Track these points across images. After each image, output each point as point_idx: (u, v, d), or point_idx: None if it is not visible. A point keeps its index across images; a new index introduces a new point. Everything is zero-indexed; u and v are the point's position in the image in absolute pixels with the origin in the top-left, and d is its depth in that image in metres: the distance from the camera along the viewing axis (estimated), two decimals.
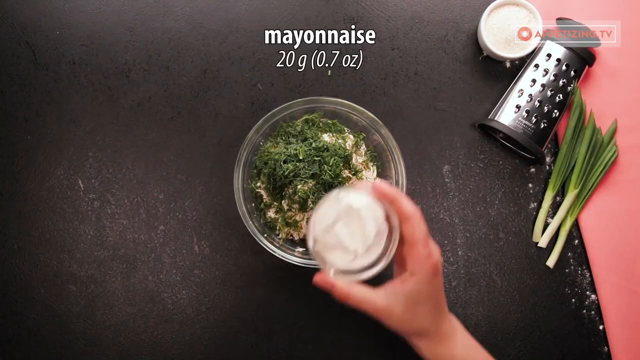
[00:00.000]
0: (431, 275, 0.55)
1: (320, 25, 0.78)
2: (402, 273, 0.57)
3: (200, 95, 0.77)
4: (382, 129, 0.69)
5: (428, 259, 0.55)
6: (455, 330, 0.60)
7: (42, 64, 0.78)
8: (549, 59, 0.74)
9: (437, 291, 0.57)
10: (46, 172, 0.76)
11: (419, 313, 0.57)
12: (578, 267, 0.75)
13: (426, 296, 0.56)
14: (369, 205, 0.56)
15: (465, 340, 0.61)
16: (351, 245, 0.56)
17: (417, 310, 0.56)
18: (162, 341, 0.74)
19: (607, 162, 0.74)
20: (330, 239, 0.56)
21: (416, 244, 0.54)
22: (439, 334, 0.59)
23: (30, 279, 0.75)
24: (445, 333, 0.59)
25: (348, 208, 0.56)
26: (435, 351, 0.59)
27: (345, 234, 0.56)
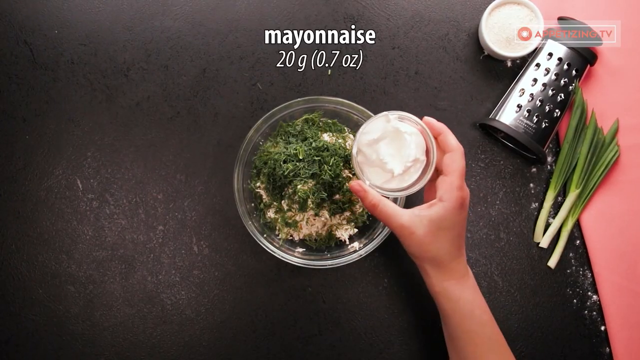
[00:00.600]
0: (458, 205, 0.58)
1: (320, 25, 0.78)
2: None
3: (200, 94, 0.77)
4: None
5: (460, 189, 0.58)
6: (468, 274, 0.62)
7: (41, 63, 0.77)
8: (551, 58, 0.74)
9: (459, 223, 0.59)
10: (45, 172, 0.76)
11: (438, 239, 0.59)
12: (579, 268, 0.75)
13: (449, 224, 0.59)
14: (414, 133, 0.61)
15: (474, 287, 0.62)
16: (389, 164, 0.60)
17: (438, 236, 0.59)
18: (161, 342, 0.74)
19: (609, 162, 0.74)
20: (372, 154, 0.61)
21: (453, 173, 0.58)
22: (452, 269, 0.60)
23: (29, 280, 0.74)
24: (459, 271, 0.61)
25: (395, 130, 0.60)
26: (444, 284, 0.60)
27: (386, 153, 0.60)
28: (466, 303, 0.60)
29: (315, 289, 0.74)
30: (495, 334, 0.61)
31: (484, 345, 0.61)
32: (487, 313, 0.61)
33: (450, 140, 0.60)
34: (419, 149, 0.61)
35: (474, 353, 0.60)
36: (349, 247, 0.71)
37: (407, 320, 0.74)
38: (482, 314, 0.61)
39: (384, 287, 0.74)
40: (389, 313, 0.74)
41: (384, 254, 0.75)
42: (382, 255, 0.75)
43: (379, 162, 0.61)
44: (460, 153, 0.59)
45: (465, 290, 0.61)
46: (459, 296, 0.60)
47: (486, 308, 0.62)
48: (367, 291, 0.74)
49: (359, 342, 0.74)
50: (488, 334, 0.61)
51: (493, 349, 0.61)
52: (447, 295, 0.61)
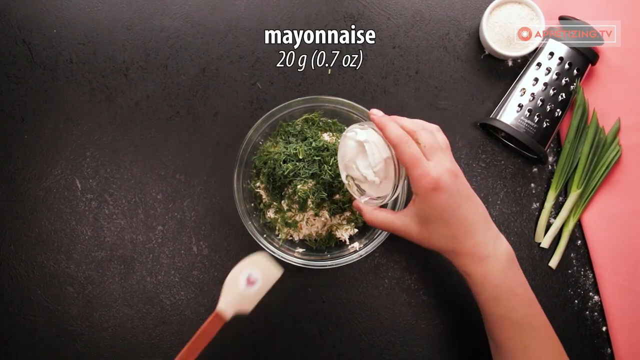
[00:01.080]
0: (427, 193, 0.55)
1: (320, 24, 0.78)
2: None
3: (199, 94, 0.77)
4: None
5: (420, 179, 0.55)
6: (492, 256, 0.57)
7: (39, 62, 0.77)
8: (552, 58, 0.74)
9: (441, 209, 0.56)
10: (43, 171, 0.76)
11: (435, 231, 0.57)
12: (581, 268, 0.74)
13: (432, 215, 0.57)
14: (372, 137, 0.60)
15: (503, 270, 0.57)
16: (369, 176, 0.61)
17: (432, 228, 0.57)
18: (161, 343, 0.73)
19: (610, 162, 0.74)
20: (355, 171, 0.62)
21: (407, 167, 0.56)
22: (467, 254, 0.57)
23: (27, 280, 0.74)
24: (476, 254, 0.57)
25: (360, 143, 0.61)
26: (465, 269, 0.58)
27: (362, 166, 0.61)
28: (491, 287, 0.57)
29: (315, 289, 0.74)
30: (527, 316, 0.57)
31: (513, 330, 0.57)
32: (518, 297, 0.57)
33: (390, 134, 0.57)
34: (382, 150, 0.60)
35: (502, 337, 0.58)
36: (349, 248, 0.71)
37: (407, 321, 0.74)
38: (511, 298, 0.57)
39: (384, 288, 0.74)
40: (390, 314, 0.74)
41: (384, 255, 0.74)
42: (383, 256, 0.74)
43: (363, 177, 0.62)
44: (403, 143, 0.56)
45: (490, 273, 0.57)
46: (483, 280, 0.57)
47: (519, 291, 0.57)
48: (367, 291, 0.74)
49: (359, 342, 0.73)
50: (517, 318, 0.57)
51: (524, 333, 0.57)
52: (471, 279, 0.58)
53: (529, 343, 0.57)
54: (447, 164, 0.57)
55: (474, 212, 0.58)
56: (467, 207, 0.57)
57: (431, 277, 0.74)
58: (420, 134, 0.58)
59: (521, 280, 0.59)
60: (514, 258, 0.59)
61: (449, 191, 0.55)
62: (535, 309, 0.59)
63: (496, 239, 0.59)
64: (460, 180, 0.57)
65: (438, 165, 0.56)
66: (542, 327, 0.59)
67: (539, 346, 0.58)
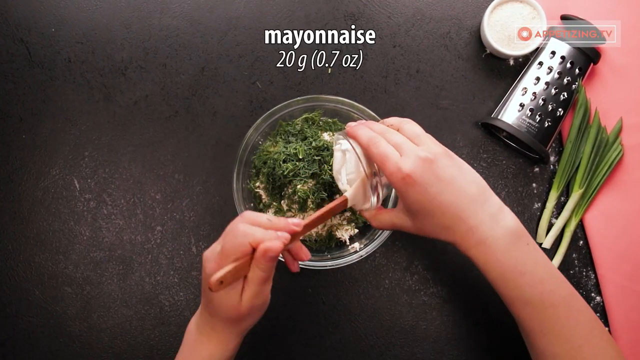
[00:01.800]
0: (403, 188, 0.54)
1: (320, 23, 0.77)
2: None
3: (198, 93, 0.76)
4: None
5: (392, 176, 0.54)
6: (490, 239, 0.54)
7: (37, 61, 0.77)
8: (553, 57, 0.73)
9: (421, 201, 0.54)
10: (41, 171, 0.75)
11: (425, 222, 0.56)
12: (583, 269, 0.74)
13: (415, 209, 0.55)
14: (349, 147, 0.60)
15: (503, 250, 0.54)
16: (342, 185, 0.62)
17: (420, 221, 0.56)
18: (159, 344, 0.73)
19: (613, 162, 0.73)
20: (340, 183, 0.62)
21: (380, 167, 0.55)
22: (463, 239, 0.55)
23: (25, 281, 0.74)
24: (471, 239, 0.54)
25: (344, 152, 0.61)
26: (468, 254, 0.55)
27: (351, 175, 0.61)
28: (495, 268, 0.54)
29: (315, 290, 0.73)
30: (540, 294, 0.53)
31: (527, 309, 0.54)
32: (526, 275, 0.54)
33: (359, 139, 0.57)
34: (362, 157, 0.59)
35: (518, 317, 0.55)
36: (349, 248, 0.70)
37: (407, 322, 0.73)
38: (517, 278, 0.54)
39: (384, 289, 0.74)
40: (390, 315, 0.73)
41: (385, 255, 0.74)
42: (383, 256, 0.74)
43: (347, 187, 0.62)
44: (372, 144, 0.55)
45: (490, 255, 0.54)
46: (485, 262, 0.54)
47: (527, 269, 0.54)
48: (367, 292, 0.74)
49: (359, 344, 0.73)
50: (528, 297, 0.54)
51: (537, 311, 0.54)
52: (475, 262, 0.55)
53: (545, 321, 0.54)
54: (424, 152, 0.54)
55: (461, 195, 0.54)
56: (449, 192, 0.54)
57: (432, 278, 0.74)
58: (403, 126, 0.58)
59: (530, 257, 0.55)
60: (519, 233, 0.55)
61: (424, 182, 0.53)
62: (549, 285, 0.54)
63: (494, 217, 0.55)
64: (438, 164, 0.54)
65: (410, 158, 0.54)
66: (561, 302, 0.54)
67: (557, 324, 0.54)
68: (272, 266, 0.51)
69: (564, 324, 0.54)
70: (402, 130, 0.58)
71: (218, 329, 0.55)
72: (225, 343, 0.56)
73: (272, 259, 0.50)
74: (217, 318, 0.55)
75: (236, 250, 0.50)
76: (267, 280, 0.52)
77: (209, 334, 0.56)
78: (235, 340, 0.57)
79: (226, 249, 0.50)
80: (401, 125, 0.59)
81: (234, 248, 0.50)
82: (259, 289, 0.52)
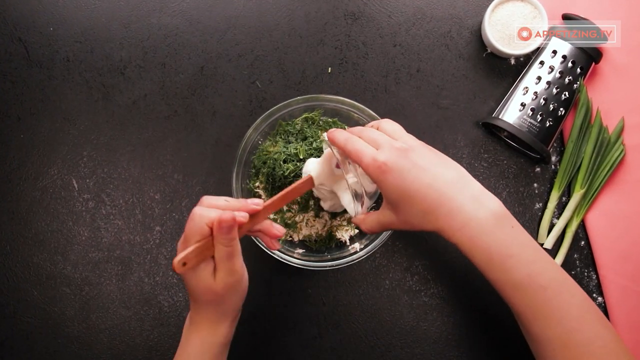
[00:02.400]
0: (380, 178, 0.53)
1: (320, 21, 0.77)
2: None
3: (198, 92, 0.76)
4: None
5: (369, 167, 0.54)
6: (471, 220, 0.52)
7: (35, 61, 0.76)
8: (555, 56, 0.73)
9: (399, 188, 0.53)
10: (39, 171, 0.75)
11: (406, 213, 0.55)
12: (584, 269, 0.74)
13: (394, 198, 0.54)
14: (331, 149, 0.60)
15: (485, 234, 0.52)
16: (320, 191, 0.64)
17: (402, 211, 0.55)
18: (158, 345, 0.73)
19: (614, 162, 0.73)
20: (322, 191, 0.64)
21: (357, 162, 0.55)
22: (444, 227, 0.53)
23: (23, 281, 0.73)
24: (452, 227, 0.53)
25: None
26: (451, 240, 0.54)
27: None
28: (480, 252, 0.53)
29: (315, 290, 0.73)
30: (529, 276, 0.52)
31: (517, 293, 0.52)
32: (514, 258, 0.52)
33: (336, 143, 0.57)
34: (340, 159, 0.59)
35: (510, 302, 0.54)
36: (349, 248, 0.70)
37: (408, 323, 0.73)
38: (505, 260, 0.52)
39: (385, 289, 0.73)
40: (390, 315, 0.73)
41: (385, 255, 0.74)
42: (383, 257, 0.74)
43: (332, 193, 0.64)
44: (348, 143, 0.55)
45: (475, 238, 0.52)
46: (471, 246, 0.53)
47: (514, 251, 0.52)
48: (367, 293, 0.73)
49: (359, 344, 0.72)
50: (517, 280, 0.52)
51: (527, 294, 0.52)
52: (460, 248, 0.54)
53: (535, 304, 0.52)
54: (400, 143, 0.54)
55: (439, 179, 0.53)
56: (427, 176, 0.53)
57: (432, 279, 0.73)
58: (381, 124, 0.58)
59: (516, 239, 0.53)
60: (503, 216, 0.53)
61: (399, 168, 0.53)
62: (537, 266, 0.53)
63: (476, 199, 0.53)
64: (414, 152, 0.54)
65: (385, 148, 0.54)
66: (550, 284, 0.52)
67: (548, 307, 0.52)
68: (231, 239, 0.51)
69: (554, 306, 0.52)
70: (380, 128, 0.58)
71: (203, 314, 0.56)
72: (214, 328, 0.56)
73: (228, 231, 0.51)
74: (200, 303, 0.55)
75: (194, 232, 0.51)
76: (233, 255, 0.52)
77: (198, 322, 0.57)
78: (224, 324, 0.57)
79: (186, 234, 0.52)
80: (380, 124, 0.59)
81: (192, 231, 0.51)
82: (228, 265, 0.52)
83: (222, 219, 0.50)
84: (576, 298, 0.53)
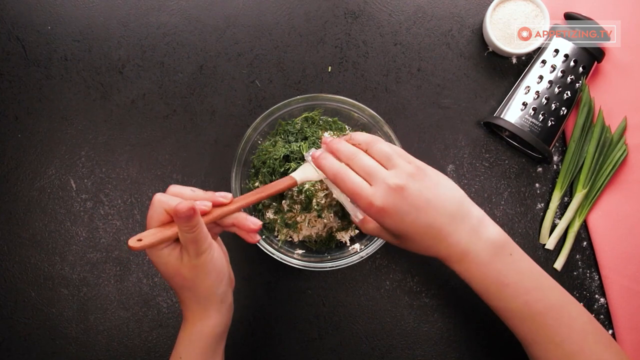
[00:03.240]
0: (379, 220, 0.54)
1: (321, 20, 0.76)
2: None
3: (197, 92, 0.75)
4: (384, 126, 0.68)
5: (366, 210, 0.54)
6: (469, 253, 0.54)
7: (33, 60, 0.76)
8: (557, 55, 0.73)
9: (399, 229, 0.54)
10: (37, 171, 0.74)
11: (407, 245, 0.56)
12: (587, 270, 0.73)
13: (395, 234, 0.56)
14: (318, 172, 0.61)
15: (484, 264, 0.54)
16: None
17: (404, 243, 0.56)
18: (157, 346, 0.72)
19: (617, 161, 0.72)
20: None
21: (353, 200, 0.56)
22: (444, 257, 0.56)
23: (21, 282, 0.73)
24: (452, 255, 0.55)
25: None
26: (451, 269, 0.56)
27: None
28: (478, 282, 0.55)
29: (315, 291, 0.73)
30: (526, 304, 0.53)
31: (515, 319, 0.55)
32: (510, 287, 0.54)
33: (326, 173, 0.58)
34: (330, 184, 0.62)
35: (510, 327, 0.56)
36: (349, 249, 0.69)
37: (409, 324, 0.72)
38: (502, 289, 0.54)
39: (385, 290, 0.73)
40: (391, 317, 0.72)
41: (386, 256, 0.73)
42: (384, 258, 0.73)
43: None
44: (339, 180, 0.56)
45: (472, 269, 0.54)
46: (469, 277, 0.55)
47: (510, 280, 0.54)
48: (368, 294, 0.73)
49: (360, 346, 0.72)
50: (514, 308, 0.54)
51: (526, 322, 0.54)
52: (461, 277, 0.56)
53: (535, 329, 0.54)
54: (394, 178, 0.53)
55: (438, 216, 0.54)
56: (426, 216, 0.53)
57: (433, 280, 0.73)
58: (371, 147, 0.57)
59: (513, 268, 0.54)
60: (502, 245, 0.55)
61: (398, 212, 0.53)
62: (535, 294, 0.54)
63: (475, 230, 0.54)
64: (410, 191, 0.53)
65: (380, 188, 0.53)
66: (549, 310, 0.54)
67: (548, 331, 0.53)
68: (192, 226, 0.51)
69: (554, 330, 0.53)
70: (370, 151, 0.57)
71: (186, 303, 0.56)
72: (199, 317, 0.56)
73: (187, 220, 0.51)
74: (176, 290, 0.56)
75: (153, 218, 0.53)
76: (197, 240, 0.52)
77: (184, 313, 0.57)
78: (209, 313, 0.56)
79: (148, 218, 0.53)
80: (369, 146, 0.58)
81: (151, 217, 0.53)
82: (193, 248, 0.52)
83: (178, 208, 0.50)
84: (578, 321, 0.54)
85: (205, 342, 0.56)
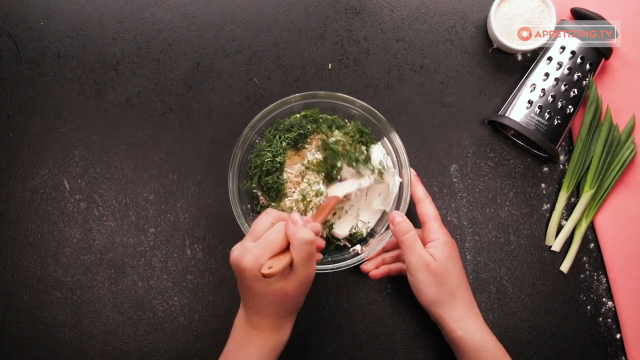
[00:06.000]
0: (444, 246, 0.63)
1: (321, 16, 0.75)
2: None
3: (193, 90, 0.75)
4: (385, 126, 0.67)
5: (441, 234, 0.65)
6: (478, 314, 0.64)
7: (25, 56, 0.75)
8: (563, 52, 0.71)
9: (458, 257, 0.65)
10: (29, 171, 0.74)
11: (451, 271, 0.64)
12: (594, 272, 0.73)
13: (454, 255, 0.65)
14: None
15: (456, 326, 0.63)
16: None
17: (450, 267, 0.64)
18: (153, 351, 0.71)
19: (625, 161, 0.72)
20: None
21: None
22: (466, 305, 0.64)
23: (13, 285, 0.72)
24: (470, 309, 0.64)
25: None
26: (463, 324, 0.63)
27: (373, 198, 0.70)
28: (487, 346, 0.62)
29: (315, 294, 0.72)
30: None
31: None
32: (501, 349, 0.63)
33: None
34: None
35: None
36: (350, 250, 0.69)
37: (411, 328, 0.72)
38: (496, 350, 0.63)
39: (387, 293, 0.72)
40: (393, 320, 0.72)
41: None
42: None
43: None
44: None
45: (484, 329, 0.63)
46: (479, 338, 0.62)
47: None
48: (369, 297, 0.72)
49: (361, 350, 0.71)
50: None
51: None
52: (469, 335, 0.62)
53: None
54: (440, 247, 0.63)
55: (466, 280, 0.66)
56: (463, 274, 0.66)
57: None
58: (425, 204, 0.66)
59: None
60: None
61: (457, 254, 0.65)
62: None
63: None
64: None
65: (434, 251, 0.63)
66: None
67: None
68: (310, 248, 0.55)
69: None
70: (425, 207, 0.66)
71: (265, 315, 0.58)
72: (278, 328, 0.59)
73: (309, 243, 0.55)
74: (263, 305, 0.57)
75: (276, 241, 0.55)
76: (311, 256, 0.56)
77: (260, 323, 0.58)
78: (287, 323, 0.60)
79: (269, 241, 0.55)
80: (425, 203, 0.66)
81: (275, 240, 0.55)
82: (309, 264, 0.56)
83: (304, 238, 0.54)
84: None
85: (280, 349, 0.60)
